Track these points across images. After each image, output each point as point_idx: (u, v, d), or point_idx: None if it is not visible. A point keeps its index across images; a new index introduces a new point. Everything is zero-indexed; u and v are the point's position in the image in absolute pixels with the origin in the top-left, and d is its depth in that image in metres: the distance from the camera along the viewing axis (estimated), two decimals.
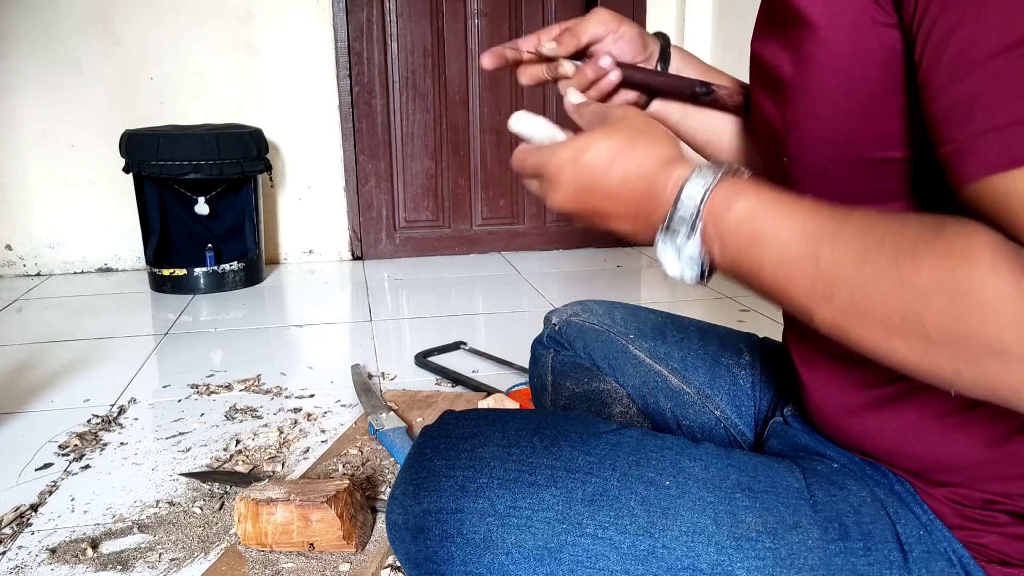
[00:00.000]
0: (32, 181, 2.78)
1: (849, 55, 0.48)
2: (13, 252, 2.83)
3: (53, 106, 2.73)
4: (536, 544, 0.52)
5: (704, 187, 0.47)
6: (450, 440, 0.58)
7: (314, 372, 1.79)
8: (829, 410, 0.60)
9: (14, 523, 1.15)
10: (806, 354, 0.63)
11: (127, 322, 2.25)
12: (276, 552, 1.04)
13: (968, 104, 0.38)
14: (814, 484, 0.56)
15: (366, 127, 2.97)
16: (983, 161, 0.37)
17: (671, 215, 0.48)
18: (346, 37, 2.87)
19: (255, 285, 2.67)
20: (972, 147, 0.38)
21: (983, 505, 0.52)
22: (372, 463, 1.31)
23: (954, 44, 0.39)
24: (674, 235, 0.48)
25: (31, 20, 2.66)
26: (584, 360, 0.92)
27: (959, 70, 0.38)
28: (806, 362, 0.62)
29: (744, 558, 0.51)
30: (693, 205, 0.47)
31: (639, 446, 0.57)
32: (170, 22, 2.74)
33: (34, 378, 1.78)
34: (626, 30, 0.73)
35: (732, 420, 0.79)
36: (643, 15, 3.10)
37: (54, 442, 1.43)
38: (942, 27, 0.40)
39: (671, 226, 0.48)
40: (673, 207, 0.48)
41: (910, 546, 0.52)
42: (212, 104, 2.83)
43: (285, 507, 1.02)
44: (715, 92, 0.74)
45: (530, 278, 2.73)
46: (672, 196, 0.48)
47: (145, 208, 2.61)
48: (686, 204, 0.47)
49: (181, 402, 1.62)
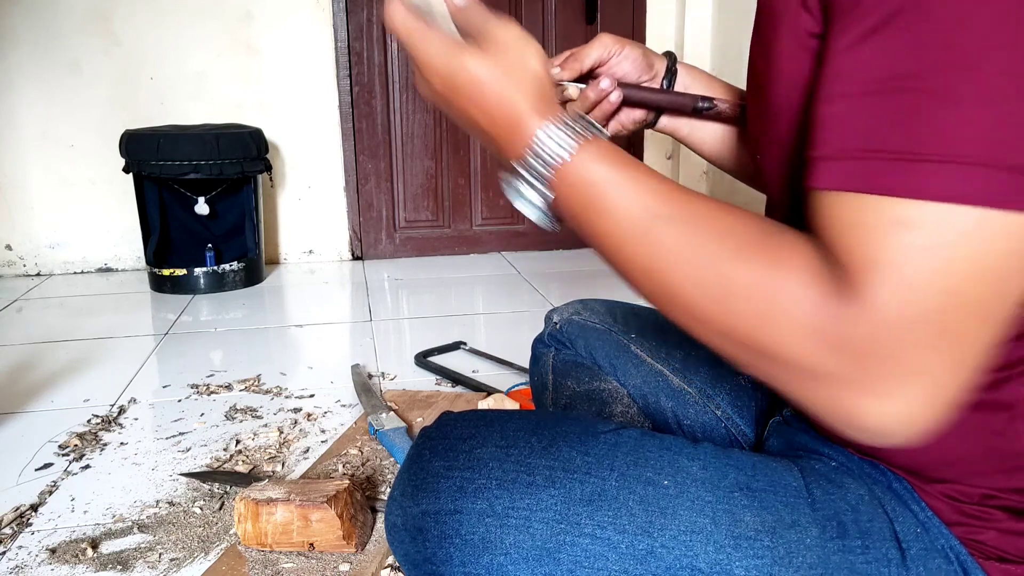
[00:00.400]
0: (32, 181, 2.78)
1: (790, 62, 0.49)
2: (13, 252, 2.83)
3: (53, 106, 2.73)
4: (535, 544, 0.52)
5: (563, 143, 0.48)
6: (448, 441, 0.58)
7: (314, 372, 1.79)
8: None
9: (14, 523, 1.15)
10: None
11: (127, 322, 2.25)
12: (276, 552, 1.04)
13: (828, 124, 0.40)
14: (812, 483, 0.56)
15: (366, 127, 2.97)
16: (823, 177, 0.40)
17: (526, 160, 0.49)
18: (346, 37, 2.87)
19: (255, 285, 2.67)
20: (821, 162, 0.40)
21: (980, 501, 0.52)
22: (372, 463, 1.31)
23: (832, 66, 0.41)
24: (524, 177, 0.50)
25: (31, 20, 2.66)
26: (585, 359, 0.92)
27: (829, 92, 0.41)
28: None
29: (743, 557, 0.51)
30: (549, 157, 0.48)
31: (637, 446, 0.57)
32: (170, 22, 2.75)
33: (34, 378, 1.78)
34: (629, 51, 0.77)
35: (733, 420, 0.80)
36: (643, 15, 3.10)
37: (54, 442, 1.43)
38: (831, 48, 0.41)
39: (521, 172, 0.50)
40: (530, 153, 0.49)
41: (908, 544, 0.52)
42: (212, 104, 2.83)
43: (285, 507, 1.02)
44: (717, 106, 0.77)
45: (530, 278, 2.73)
46: (531, 143, 0.49)
47: (145, 208, 2.62)
48: (542, 155, 0.49)
49: (181, 402, 1.63)
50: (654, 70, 0.79)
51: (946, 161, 0.36)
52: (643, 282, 0.46)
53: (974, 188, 0.35)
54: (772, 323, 0.40)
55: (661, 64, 0.80)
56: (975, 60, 0.35)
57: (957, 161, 0.35)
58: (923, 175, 0.36)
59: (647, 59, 0.78)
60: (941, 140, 0.36)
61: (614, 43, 0.76)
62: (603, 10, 3.06)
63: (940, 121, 0.36)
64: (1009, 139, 0.35)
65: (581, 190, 0.48)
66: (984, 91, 0.35)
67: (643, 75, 0.78)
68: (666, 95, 0.78)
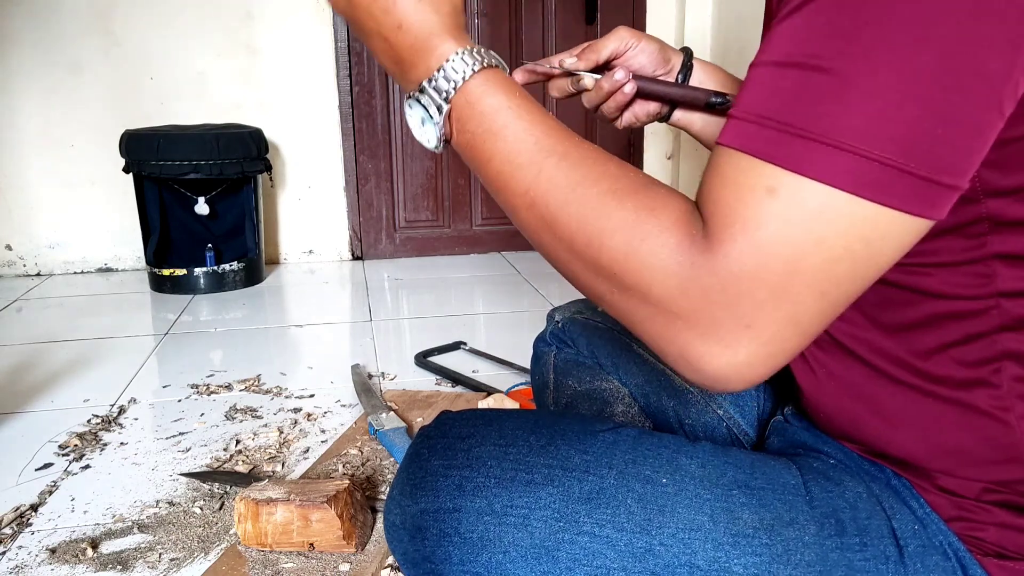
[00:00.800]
0: (32, 181, 2.78)
1: None
2: (13, 252, 2.83)
3: (53, 106, 2.73)
4: (533, 543, 0.52)
5: (464, 70, 0.49)
6: (447, 440, 0.58)
7: (314, 372, 1.79)
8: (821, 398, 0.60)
9: (14, 523, 1.15)
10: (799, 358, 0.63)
11: (127, 322, 2.25)
12: (276, 552, 1.04)
13: (745, 86, 0.43)
14: (811, 480, 0.56)
15: (366, 127, 2.98)
16: (725, 133, 0.43)
17: (427, 83, 0.50)
18: (346, 37, 2.87)
19: (255, 285, 2.67)
20: (729, 119, 0.43)
21: (978, 496, 0.52)
22: (372, 463, 1.31)
23: (764, 39, 0.43)
24: (422, 101, 0.51)
25: (31, 20, 2.66)
26: (587, 358, 0.92)
27: (755, 58, 0.43)
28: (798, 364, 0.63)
29: (741, 554, 0.51)
30: (449, 84, 0.49)
31: (636, 444, 0.57)
32: (170, 22, 2.75)
33: (34, 378, 1.78)
34: (646, 44, 0.78)
35: (735, 419, 0.80)
36: (643, 15, 3.10)
37: (54, 442, 1.43)
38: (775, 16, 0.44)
39: (423, 91, 0.50)
40: (431, 78, 0.50)
41: (906, 541, 0.52)
42: (212, 104, 2.83)
43: (285, 507, 1.02)
44: (730, 101, 0.77)
45: (530, 278, 2.73)
46: (434, 66, 0.50)
47: (145, 208, 2.62)
48: (442, 82, 0.50)
49: (181, 402, 1.63)
50: (670, 64, 0.80)
51: (825, 143, 0.38)
52: (526, 213, 0.48)
53: (840, 173, 0.38)
54: (636, 259, 0.43)
55: (677, 59, 0.80)
56: (875, 54, 0.37)
57: (834, 145, 0.38)
58: (802, 151, 0.38)
59: (663, 53, 0.79)
60: (827, 122, 0.38)
61: (631, 36, 0.77)
62: (603, 10, 3.06)
63: (830, 104, 0.38)
64: (885, 135, 0.37)
65: (480, 118, 0.49)
66: (875, 86, 0.37)
67: (659, 69, 0.79)
68: (680, 89, 0.78)
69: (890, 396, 0.54)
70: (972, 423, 0.50)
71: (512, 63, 3.01)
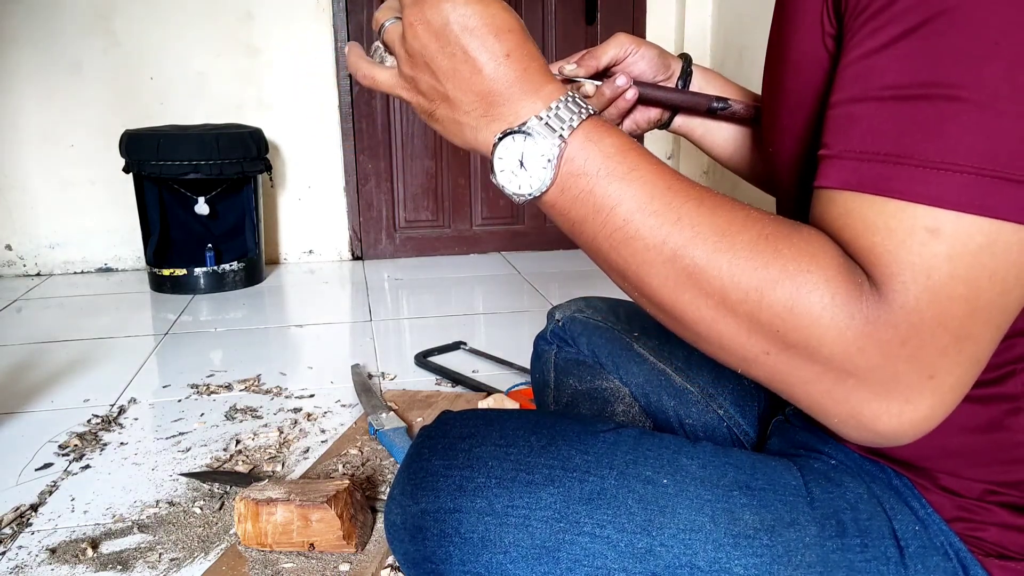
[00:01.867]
0: (32, 181, 2.78)
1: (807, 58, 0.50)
2: (13, 252, 2.83)
3: (53, 106, 2.73)
4: (534, 543, 0.52)
5: (579, 111, 0.46)
6: (448, 440, 0.58)
7: (314, 372, 1.79)
8: None
9: (14, 523, 1.15)
10: None
11: (127, 322, 2.25)
12: (276, 552, 1.04)
13: (850, 123, 0.41)
14: (811, 481, 0.56)
15: (366, 127, 2.98)
16: (840, 175, 0.40)
17: (535, 120, 0.45)
18: (346, 37, 2.87)
19: (255, 285, 2.67)
20: (838, 160, 0.41)
21: (980, 496, 0.52)
22: (372, 463, 1.31)
23: (857, 68, 0.41)
24: (532, 133, 0.45)
25: (31, 20, 2.66)
26: (587, 357, 0.92)
27: (854, 91, 0.41)
28: None
29: (742, 555, 0.51)
30: (564, 123, 0.45)
31: (636, 445, 0.57)
32: (170, 22, 2.75)
33: (34, 378, 1.78)
34: (646, 51, 0.77)
35: (735, 419, 0.79)
36: (643, 15, 3.10)
37: (54, 442, 1.43)
38: (855, 49, 0.42)
39: (526, 128, 0.45)
40: (541, 116, 0.45)
41: (906, 542, 0.52)
42: (212, 104, 2.83)
43: (285, 507, 1.02)
44: (732, 106, 0.77)
45: (530, 278, 2.73)
46: (544, 102, 0.46)
47: (145, 208, 2.62)
48: (555, 120, 0.45)
49: (181, 402, 1.62)
50: (670, 70, 0.79)
51: (972, 172, 0.36)
52: (663, 267, 0.43)
53: (997, 200, 0.36)
54: (804, 314, 0.39)
55: (677, 65, 0.80)
56: (1006, 75, 0.36)
57: (982, 173, 0.36)
58: (957, 185, 0.37)
59: (663, 59, 0.78)
60: (977, 152, 0.36)
61: (631, 42, 0.76)
62: (603, 10, 3.06)
63: (976, 133, 0.36)
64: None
65: (601, 157, 0.45)
66: (1013, 106, 0.36)
67: (659, 75, 0.78)
68: (681, 94, 0.78)
69: None
70: (981, 425, 0.50)
71: None
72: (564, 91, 0.47)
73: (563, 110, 0.45)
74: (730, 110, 0.77)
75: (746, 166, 0.83)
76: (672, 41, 3.12)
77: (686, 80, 0.79)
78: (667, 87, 0.79)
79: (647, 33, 3.11)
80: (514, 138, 0.46)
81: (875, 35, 0.40)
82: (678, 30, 3.10)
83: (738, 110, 0.77)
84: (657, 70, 0.78)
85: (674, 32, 3.12)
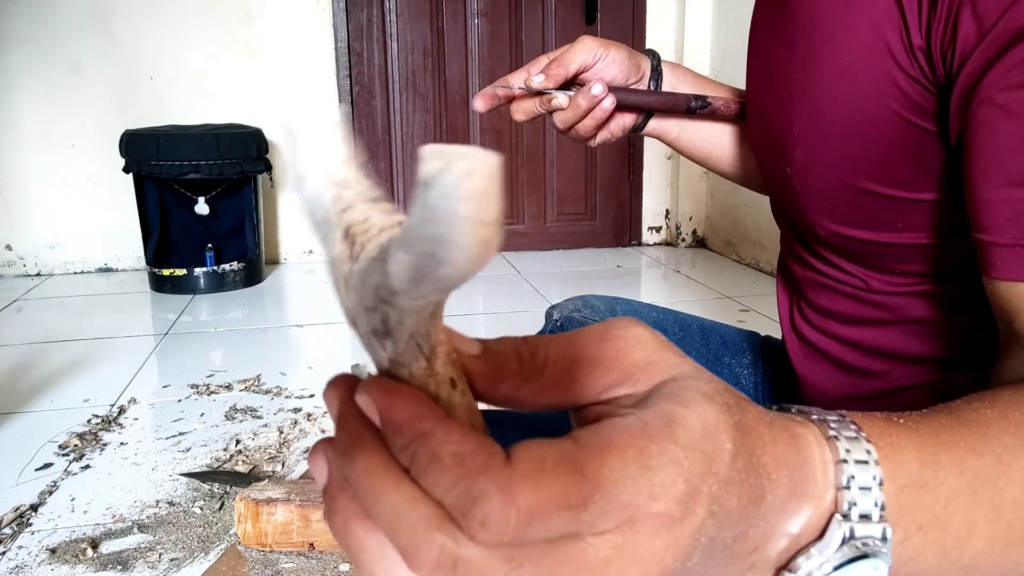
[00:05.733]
0: (32, 181, 2.78)
1: (865, 91, 0.48)
2: (13, 252, 2.83)
3: (53, 106, 2.73)
4: None
5: (868, 455, 0.28)
6: None
7: (314, 372, 1.79)
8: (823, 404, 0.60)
9: (14, 523, 1.15)
10: (800, 350, 0.63)
11: (127, 322, 2.25)
12: (276, 552, 1.04)
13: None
14: None
15: (366, 127, 2.97)
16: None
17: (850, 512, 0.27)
18: (346, 37, 2.87)
19: (255, 285, 2.67)
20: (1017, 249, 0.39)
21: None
22: None
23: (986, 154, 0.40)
24: (852, 545, 0.27)
25: (31, 20, 2.66)
26: None
27: (1000, 179, 0.39)
28: (800, 357, 0.63)
29: None
30: (870, 497, 0.28)
31: None
32: (170, 22, 2.75)
33: (34, 378, 1.78)
34: (615, 53, 0.71)
35: None
36: (643, 15, 3.10)
37: (54, 442, 1.43)
38: (1021, 118, 0.40)
39: (853, 530, 0.27)
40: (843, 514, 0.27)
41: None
42: (212, 104, 2.83)
43: (285, 507, 1.02)
44: (711, 104, 0.72)
45: (530, 278, 2.73)
46: (835, 481, 0.28)
47: (145, 208, 2.61)
48: (865, 496, 0.28)
49: (181, 402, 1.63)
50: (641, 71, 0.73)
51: None
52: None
53: None
54: None
55: (646, 64, 0.74)
56: None
57: None
58: None
59: (633, 60, 0.73)
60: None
61: (599, 46, 0.69)
62: (603, 10, 3.06)
63: None
64: None
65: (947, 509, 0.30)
66: None
67: (631, 77, 0.73)
68: (659, 96, 0.73)
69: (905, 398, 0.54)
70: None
71: (512, 63, 3.02)
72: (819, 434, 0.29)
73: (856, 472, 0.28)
74: (710, 107, 0.72)
75: (727, 164, 0.79)
76: (672, 41, 3.12)
77: (658, 79, 0.74)
78: (643, 90, 0.73)
79: (647, 33, 3.11)
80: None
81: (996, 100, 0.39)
82: (678, 30, 3.10)
83: (718, 107, 0.73)
84: (629, 73, 0.72)
85: (674, 32, 3.12)
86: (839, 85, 0.50)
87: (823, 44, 0.51)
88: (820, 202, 0.54)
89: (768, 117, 0.59)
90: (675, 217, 3.28)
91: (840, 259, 0.58)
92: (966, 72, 0.42)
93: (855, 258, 0.56)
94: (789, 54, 0.55)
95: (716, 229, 3.15)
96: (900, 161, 0.49)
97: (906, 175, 0.49)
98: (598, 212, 3.26)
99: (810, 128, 0.53)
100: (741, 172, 0.80)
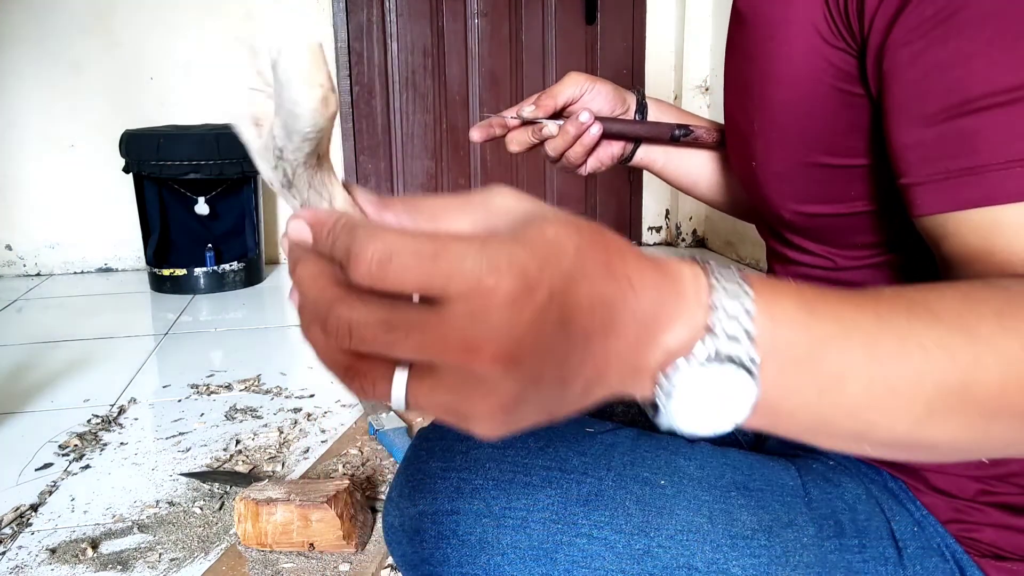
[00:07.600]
0: (32, 181, 2.78)
1: (802, 71, 0.51)
2: (13, 252, 2.83)
3: (53, 106, 2.73)
4: (532, 544, 0.52)
5: (740, 282, 0.31)
6: (445, 442, 0.58)
7: (314, 372, 1.79)
8: None
9: (14, 523, 1.15)
10: None
11: (127, 322, 2.25)
12: (276, 552, 1.04)
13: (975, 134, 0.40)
14: (809, 482, 0.56)
15: (366, 127, 2.98)
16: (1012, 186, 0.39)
17: (717, 330, 0.30)
18: (346, 37, 2.87)
19: (255, 285, 2.67)
20: (989, 173, 0.39)
21: (975, 496, 0.52)
22: (372, 463, 1.32)
23: (950, 76, 0.41)
24: (718, 360, 0.30)
25: (31, 20, 2.66)
26: None
27: (954, 99, 0.40)
28: None
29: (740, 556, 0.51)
30: (739, 303, 0.31)
31: (634, 446, 0.57)
32: (170, 22, 2.75)
33: (34, 378, 1.78)
34: (601, 87, 0.76)
35: None
36: (643, 15, 3.10)
37: (54, 442, 1.43)
38: (918, 66, 0.42)
39: (717, 349, 0.30)
40: (718, 328, 0.30)
41: (905, 543, 0.52)
42: (212, 104, 2.83)
43: (285, 507, 1.02)
44: (694, 132, 0.77)
45: None
46: (705, 300, 0.31)
47: (145, 208, 2.62)
48: (734, 312, 0.31)
49: (181, 402, 1.63)
50: (626, 104, 0.78)
51: None
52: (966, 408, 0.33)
53: None
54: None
55: (632, 99, 0.79)
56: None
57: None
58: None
59: (618, 94, 0.78)
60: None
61: (586, 80, 0.75)
62: (603, 10, 3.06)
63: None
64: None
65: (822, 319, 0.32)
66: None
67: (617, 109, 0.78)
68: (643, 125, 0.78)
69: None
70: None
71: (512, 63, 3.02)
72: (697, 266, 0.33)
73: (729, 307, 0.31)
74: (693, 135, 0.77)
75: (712, 193, 0.83)
76: (672, 41, 3.12)
77: (643, 112, 0.79)
78: (628, 120, 0.78)
79: (647, 34, 3.11)
80: (694, 370, 0.31)
81: (949, 42, 0.40)
82: (678, 30, 3.09)
83: (701, 135, 0.77)
84: (615, 105, 0.77)
85: (674, 32, 3.11)
86: (784, 72, 0.53)
87: (769, 42, 0.54)
88: (782, 185, 0.57)
89: (736, 124, 0.62)
90: (675, 217, 3.28)
91: (808, 242, 0.60)
92: (875, 31, 0.45)
93: (819, 237, 0.59)
94: (748, 63, 0.58)
95: (716, 229, 3.15)
96: (843, 131, 0.52)
97: (849, 142, 0.52)
98: (598, 212, 3.26)
99: (767, 119, 0.56)
100: (727, 199, 0.83)
